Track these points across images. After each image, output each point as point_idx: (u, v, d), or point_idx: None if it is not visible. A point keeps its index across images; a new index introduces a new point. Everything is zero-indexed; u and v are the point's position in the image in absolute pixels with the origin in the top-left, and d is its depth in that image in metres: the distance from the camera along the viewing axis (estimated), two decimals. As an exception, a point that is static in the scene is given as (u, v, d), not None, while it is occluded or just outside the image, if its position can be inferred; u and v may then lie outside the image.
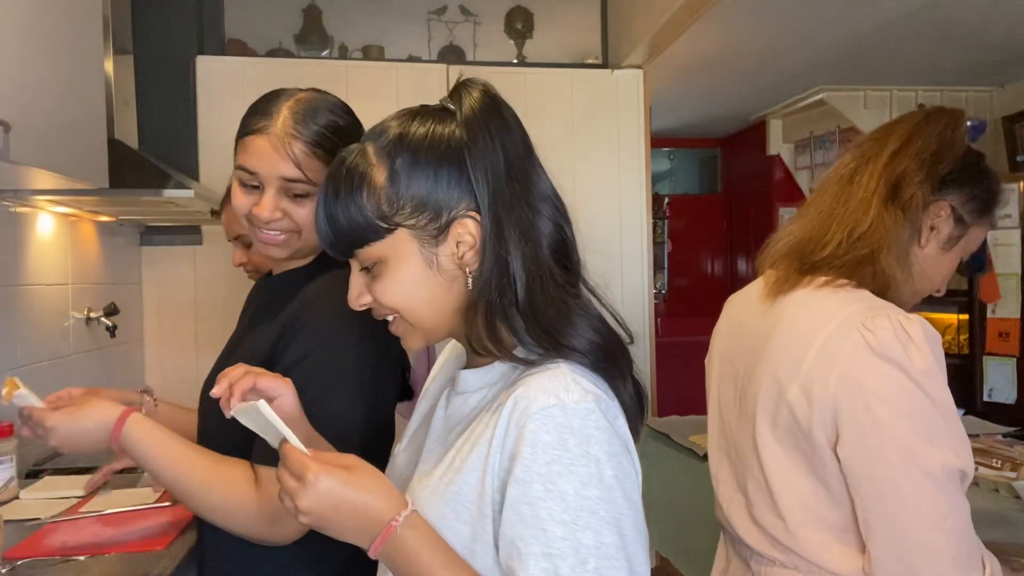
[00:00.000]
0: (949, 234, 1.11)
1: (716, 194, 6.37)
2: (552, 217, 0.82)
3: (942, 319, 4.70)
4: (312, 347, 1.03)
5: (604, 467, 0.71)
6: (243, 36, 3.19)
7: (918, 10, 3.21)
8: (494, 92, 0.87)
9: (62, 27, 1.58)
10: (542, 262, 0.79)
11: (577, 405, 0.72)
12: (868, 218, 1.06)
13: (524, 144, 0.83)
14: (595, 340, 0.79)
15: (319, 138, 1.10)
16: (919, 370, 0.95)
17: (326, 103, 1.14)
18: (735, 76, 4.32)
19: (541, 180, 0.83)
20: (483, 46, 3.46)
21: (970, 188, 1.11)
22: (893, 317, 0.98)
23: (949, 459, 0.93)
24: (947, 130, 1.10)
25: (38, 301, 2.04)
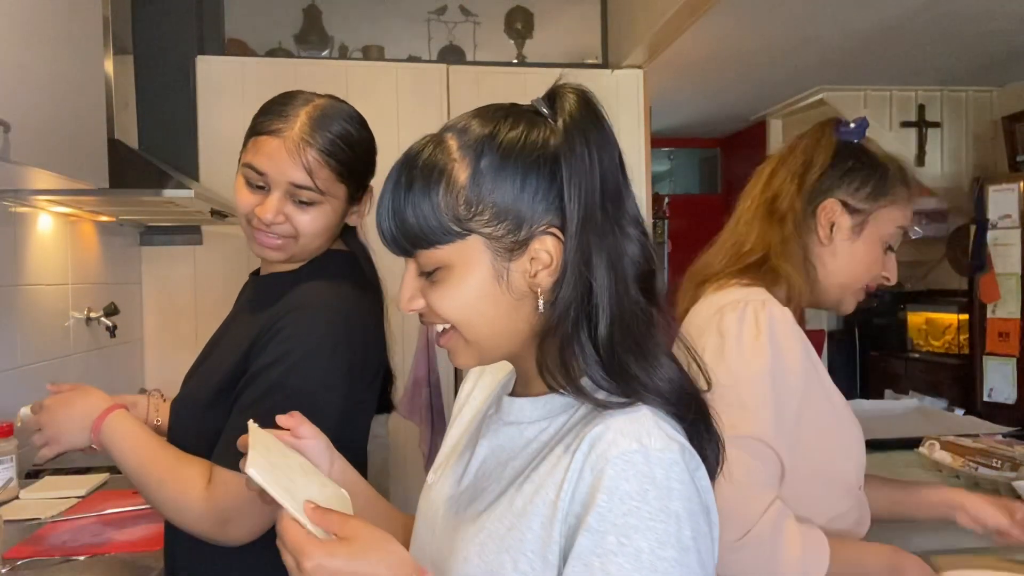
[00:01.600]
0: (850, 225, 1.18)
1: (716, 194, 6.37)
2: (640, 242, 0.72)
3: (942, 319, 4.71)
4: (288, 350, 1.01)
5: (684, 526, 0.64)
6: (243, 36, 3.19)
7: (918, 10, 3.22)
8: (595, 100, 0.78)
9: (62, 27, 1.58)
10: (630, 294, 0.70)
11: (661, 454, 0.65)
12: (752, 235, 1.18)
13: (620, 160, 0.75)
14: (678, 383, 0.71)
15: (333, 147, 1.08)
16: (743, 346, 1.04)
17: (342, 113, 1.13)
18: (735, 76, 4.33)
19: (631, 201, 0.74)
20: (483, 46, 3.47)
21: (852, 178, 1.18)
22: (751, 304, 1.08)
23: (737, 426, 0.98)
24: (812, 140, 1.21)
25: (38, 301, 2.04)
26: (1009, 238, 3.90)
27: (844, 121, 1.24)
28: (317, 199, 1.08)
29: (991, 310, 4.00)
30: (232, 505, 0.95)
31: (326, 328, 1.03)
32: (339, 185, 1.10)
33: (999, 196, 3.92)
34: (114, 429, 1.07)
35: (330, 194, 1.09)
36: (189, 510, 0.98)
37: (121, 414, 1.08)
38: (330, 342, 1.03)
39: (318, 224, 1.09)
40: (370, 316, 1.12)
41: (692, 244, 5.25)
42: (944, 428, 2.15)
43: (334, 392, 1.03)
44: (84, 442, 1.09)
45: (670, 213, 5.95)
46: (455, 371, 3.04)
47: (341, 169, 1.09)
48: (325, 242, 1.14)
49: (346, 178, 1.10)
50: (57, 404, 1.11)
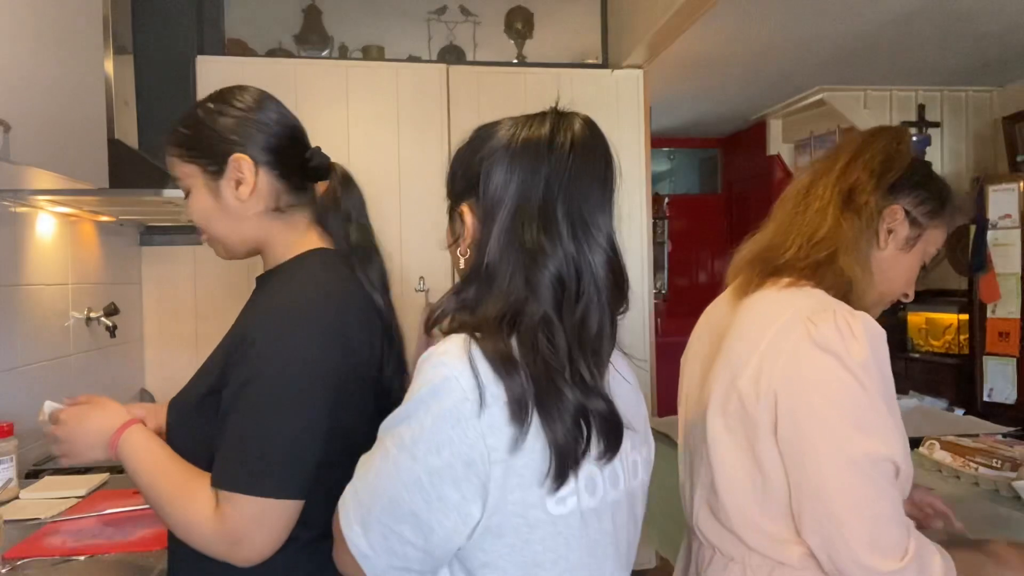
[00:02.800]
0: (906, 236, 1.19)
1: (716, 194, 6.37)
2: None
3: (942, 319, 4.71)
4: (259, 370, 0.97)
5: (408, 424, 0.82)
6: (243, 36, 3.19)
7: (918, 10, 3.22)
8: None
9: (62, 27, 1.58)
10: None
11: (438, 360, 0.83)
12: (826, 224, 1.14)
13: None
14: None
15: (175, 135, 1.12)
16: (855, 361, 0.99)
17: (203, 104, 1.13)
18: (735, 76, 4.33)
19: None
20: (483, 46, 3.47)
21: (920, 192, 1.18)
22: (839, 312, 1.04)
23: (876, 448, 0.97)
24: (892, 143, 1.19)
25: (38, 301, 2.04)
26: (1009, 238, 3.90)
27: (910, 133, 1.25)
28: (184, 187, 1.12)
29: (991, 310, 4.00)
30: (241, 526, 0.93)
31: (301, 338, 0.99)
32: (187, 165, 1.11)
33: (999, 196, 3.92)
34: (130, 445, 1.05)
35: (186, 176, 1.11)
36: (199, 533, 0.96)
37: (136, 430, 1.07)
38: (305, 353, 0.98)
39: (195, 208, 1.12)
40: (351, 313, 1.06)
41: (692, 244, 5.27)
42: (944, 428, 2.15)
43: (316, 406, 0.98)
44: (102, 457, 1.08)
45: (670, 213, 5.95)
46: (455, 371, 3.04)
47: (180, 152, 1.11)
48: (239, 228, 1.11)
49: (189, 157, 1.10)
50: (73, 419, 1.10)
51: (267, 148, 1.10)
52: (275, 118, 1.12)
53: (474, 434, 0.79)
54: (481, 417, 0.79)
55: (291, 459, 0.95)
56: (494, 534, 0.82)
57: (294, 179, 1.13)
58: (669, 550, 2.40)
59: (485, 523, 0.81)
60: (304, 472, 0.96)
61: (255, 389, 0.96)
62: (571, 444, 0.81)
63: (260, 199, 1.10)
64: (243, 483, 0.93)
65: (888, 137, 1.21)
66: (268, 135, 1.11)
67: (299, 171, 1.14)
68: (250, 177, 1.08)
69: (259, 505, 0.93)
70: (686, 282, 6.14)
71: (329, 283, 1.07)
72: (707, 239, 6.20)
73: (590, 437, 0.83)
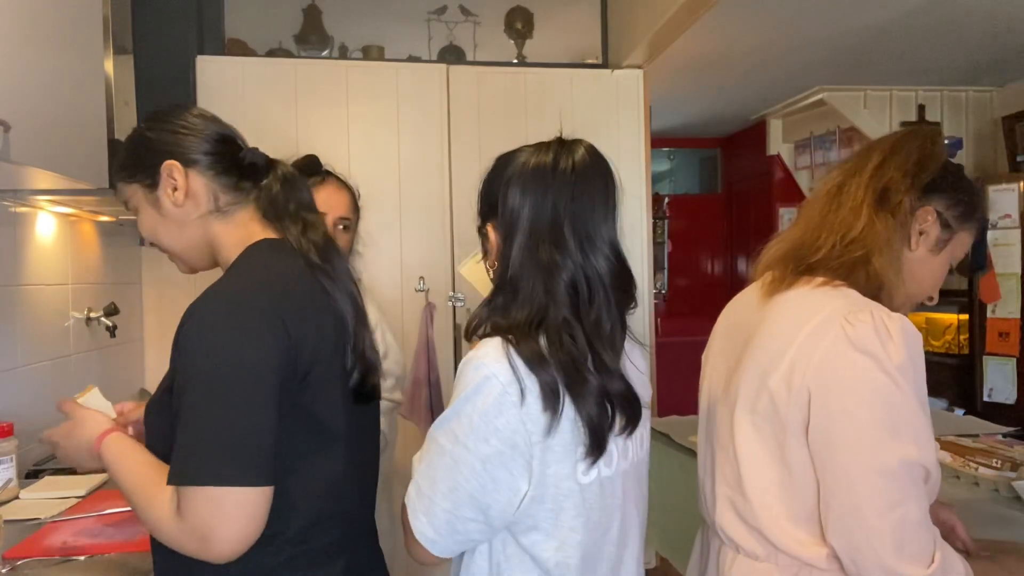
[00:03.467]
0: (937, 237, 1.17)
1: (716, 194, 6.37)
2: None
3: (942, 319, 4.71)
4: (191, 361, 0.97)
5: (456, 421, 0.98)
6: (243, 36, 3.19)
7: (918, 10, 3.22)
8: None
9: (62, 27, 1.58)
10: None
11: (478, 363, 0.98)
12: (860, 223, 1.12)
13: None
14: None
15: (117, 164, 1.18)
16: (893, 364, 0.98)
17: (136, 128, 1.19)
18: (735, 76, 4.33)
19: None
20: (483, 46, 3.46)
21: (953, 194, 1.17)
22: (876, 313, 1.02)
23: (909, 452, 0.97)
24: (927, 143, 1.18)
25: (38, 301, 2.04)
26: (1009, 238, 3.90)
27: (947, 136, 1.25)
28: (132, 208, 1.17)
29: (991, 310, 4.00)
30: (201, 520, 0.92)
31: (222, 324, 0.98)
32: (129, 186, 1.16)
33: (999, 196, 3.92)
34: (110, 454, 1.08)
35: (131, 197, 1.16)
36: (168, 532, 0.96)
37: (113, 438, 1.09)
38: (229, 338, 0.97)
39: (143, 224, 1.16)
40: (292, 300, 1.03)
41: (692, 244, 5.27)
42: (944, 428, 2.15)
43: (250, 385, 0.96)
44: (99, 464, 1.12)
45: (670, 213, 5.94)
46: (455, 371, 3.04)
47: (122, 175, 1.17)
48: (185, 235, 1.14)
49: (129, 177, 1.15)
50: (61, 438, 1.16)
51: (197, 151, 1.13)
52: (200, 123, 1.16)
53: (516, 422, 0.95)
54: (521, 407, 0.95)
55: (237, 445, 0.93)
56: (537, 502, 0.98)
57: (231, 178, 1.15)
58: (669, 550, 2.40)
59: (531, 494, 0.97)
60: (256, 458, 0.94)
61: (190, 381, 0.96)
62: (600, 421, 0.98)
63: (198, 201, 1.13)
64: (191, 475, 0.93)
65: (922, 138, 1.19)
66: (196, 139, 1.14)
67: (235, 170, 1.16)
68: (181, 181, 1.12)
69: (212, 495, 0.92)
70: (686, 282, 6.14)
71: (267, 271, 1.07)
72: (707, 239, 6.20)
73: (615, 413, 1.00)
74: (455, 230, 3.12)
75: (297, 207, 1.17)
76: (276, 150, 1.91)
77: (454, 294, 3.08)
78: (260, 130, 2.92)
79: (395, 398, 1.79)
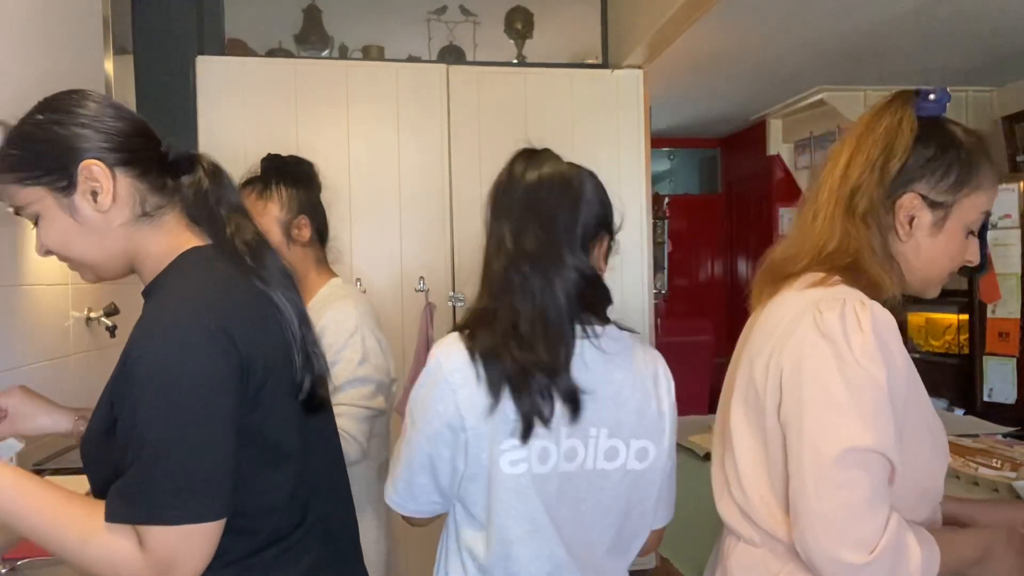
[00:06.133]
0: (931, 221, 1.08)
1: (716, 194, 6.37)
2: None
3: (942, 319, 4.71)
4: (144, 394, 0.90)
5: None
6: (243, 36, 3.19)
7: (918, 10, 3.22)
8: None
9: (62, 27, 1.58)
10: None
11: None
12: (835, 236, 1.08)
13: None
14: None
15: (6, 165, 0.99)
16: (854, 351, 0.97)
17: (26, 121, 1.00)
18: (735, 76, 4.33)
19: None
20: (483, 46, 3.46)
21: (932, 169, 1.07)
22: (849, 302, 1.00)
23: (862, 439, 0.94)
24: (892, 122, 1.09)
25: (38, 301, 2.04)
26: (1009, 238, 3.90)
27: (924, 92, 1.09)
28: (30, 214, 1.00)
29: (991, 310, 4.00)
30: (173, 553, 0.89)
31: (174, 353, 0.90)
32: (30, 189, 0.98)
33: (999, 196, 3.90)
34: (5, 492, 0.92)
35: (32, 202, 0.99)
36: (127, 569, 0.90)
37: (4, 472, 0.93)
38: (183, 367, 0.90)
39: (51, 233, 1.00)
40: (236, 313, 0.96)
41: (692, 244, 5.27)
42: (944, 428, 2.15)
43: (208, 413, 0.91)
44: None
45: (670, 213, 5.94)
46: (455, 371, 3.04)
47: (18, 176, 0.98)
48: (106, 244, 1.01)
49: (31, 179, 0.98)
50: None
51: (116, 148, 0.99)
52: (111, 112, 1.00)
53: (452, 407, 1.08)
54: (458, 394, 1.08)
55: (205, 479, 0.90)
56: (474, 480, 1.10)
57: (155, 177, 1.02)
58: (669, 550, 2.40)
59: (467, 472, 1.10)
60: (222, 486, 0.92)
61: (145, 415, 0.89)
62: (534, 413, 1.07)
63: (123, 206, 1.00)
64: (167, 515, 0.88)
65: (889, 115, 1.10)
66: (112, 133, 0.99)
67: (158, 167, 1.03)
68: (107, 183, 0.98)
69: (185, 530, 0.89)
70: (686, 282, 6.14)
71: (207, 285, 0.98)
72: (707, 239, 6.20)
73: (552, 408, 1.07)
74: (455, 230, 3.12)
75: (226, 207, 1.06)
76: (276, 150, 1.91)
77: (454, 294, 3.08)
78: (260, 130, 2.93)
79: (374, 405, 1.72)
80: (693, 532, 2.15)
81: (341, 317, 1.69)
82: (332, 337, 1.65)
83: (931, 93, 1.09)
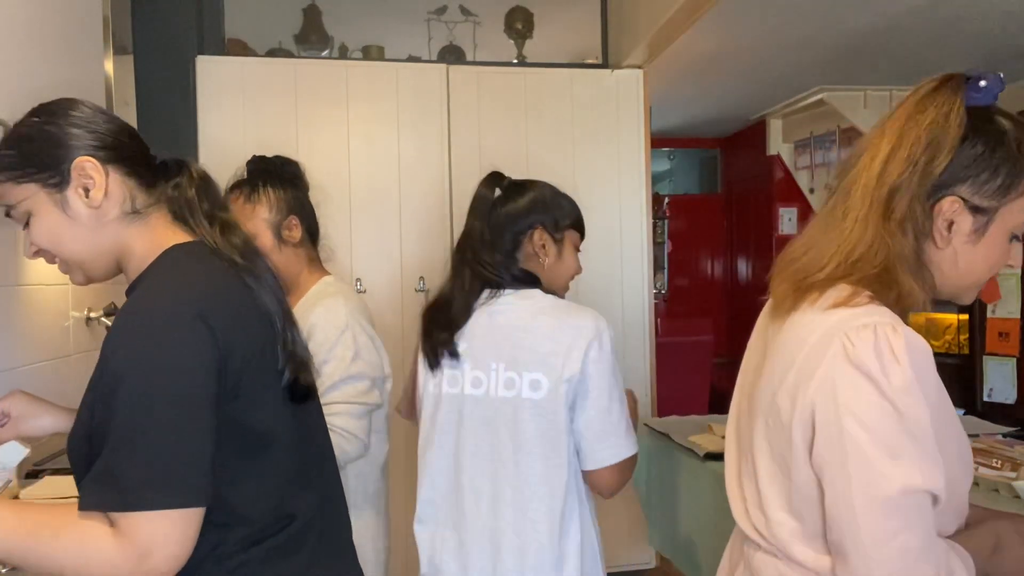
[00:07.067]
0: (972, 227, 0.99)
1: (716, 194, 6.37)
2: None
3: (942, 319, 4.71)
4: (123, 382, 0.91)
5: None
6: (243, 36, 3.19)
7: (918, 10, 3.22)
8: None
9: (62, 27, 1.59)
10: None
11: None
12: (867, 240, 0.98)
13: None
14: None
15: (1, 164, 1.03)
16: (894, 386, 0.90)
17: (20, 124, 1.05)
18: (735, 76, 4.33)
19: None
20: (483, 46, 3.47)
21: (978, 169, 0.97)
22: (879, 330, 0.92)
23: (912, 479, 0.90)
24: (939, 115, 0.98)
25: (38, 301, 2.04)
26: (1009, 238, 3.90)
27: (974, 80, 0.99)
28: (21, 213, 1.03)
29: (991, 310, 4.00)
30: (151, 539, 0.88)
31: (152, 341, 0.92)
32: (23, 186, 1.02)
33: (999, 196, 3.93)
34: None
35: (24, 199, 1.02)
36: (104, 561, 0.89)
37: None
38: (160, 356, 0.92)
39: (42, 230, 1.03)
40: (219, 305, 0.98)
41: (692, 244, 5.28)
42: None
43: (187, 401, 0.92)
44: None
45: (670, 213, 5.95)
46: (455, 371, 3.04)
47: (11, 175, 1.02)
48: (96, 240, 1.04)
49: (23, 176, 1.01)
50: None
51: (106, 146, 1.03)
52: (103, 116, 1.06)
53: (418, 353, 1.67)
54: (418, 347, 1.67)
55: (180, 464, 0.90)
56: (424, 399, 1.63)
57: (144, 176, 1.07)
58: (669, 550, 2.40)
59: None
60: (199, 473, 0.91)
61: (121, 402, 0.90)
62: (432, 353, 1.59)
63: (114, 202, 1.03)
64: (139, 499, 0.88)
65: (936, 106, 0.99)
66: (102, 133, 1.04)
67: (146, 167, 1.08)
68: (99, 179, 1.01)
69: (165, 516, 0.88)
70: (686, 282, 6.14)
71: (188, 277, 1.00)
72: (707, 239, 6.20)
73: (440, 354, 1.57)
74: (455, 230, 3.12)
75: (211, 207, 1.09)
76: (276, 150, 1.91)
77: (454, 294, 3.08)
78: (260, 130, 2.93)
79: (370, 400, 1.72)
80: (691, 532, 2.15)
81: (330, 314, 1.70)
82: (322, 335, 1.66)
83: (981, 80, 0.99)
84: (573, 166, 3.23)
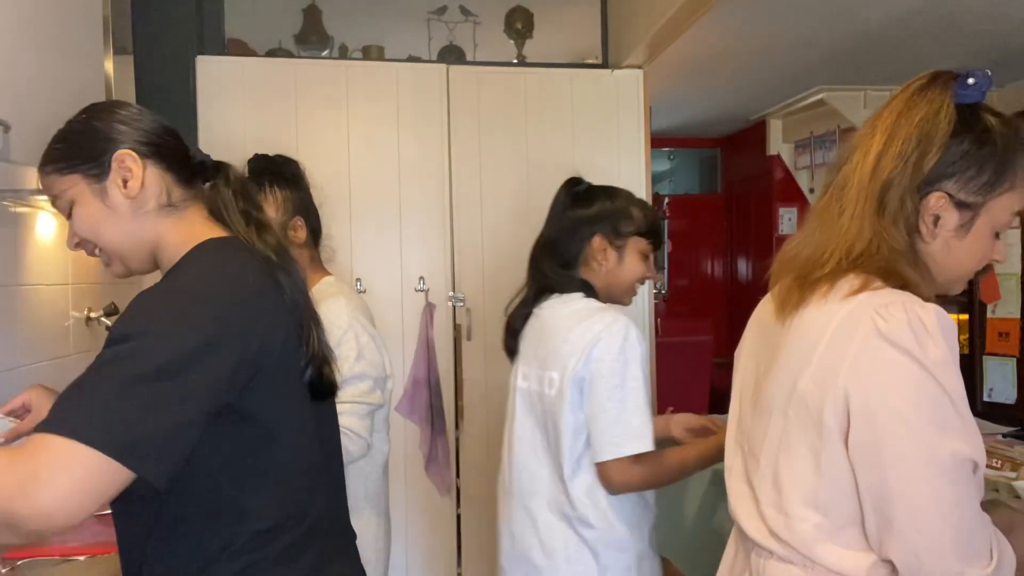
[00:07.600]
0: (957, 224, 1.02)
1: (716, 194, 6.37)
2: None
3: (942, 319, 4.71)
4: (120, 332, 0.92)
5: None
6: (243, 36, 3.19)
7: (918, 10, 3.22)
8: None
9: (62, 27, 1.59)
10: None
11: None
12: (865, 236, 1.01)
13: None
14: None
15: (46, 155, 1.09)
16: (932, 360, 0.92)
17: (71, 120, 1.11)
18: (735, 76, 4.33)
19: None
20: (483, 46, 3.46)
21: (964, 166, 1.00)
22: (909, 306, 0.94)
23: (961, 449, 0.91)
24: (929, 111, 1.00)
25: (38, 301, 2.04)
26: (1009, 238, 3.89)
27: (963, 77, 1.01)
28: (64, 203, 1.08)
29: (991, 310, 4.00)
30: (42, 462, 0.81)
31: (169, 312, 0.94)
32: (66, 177, 1.07)
33: (999, 196, 3.92)
34: None
35: (67, 190, 1.08)
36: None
37: None
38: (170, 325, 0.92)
39: (83, 218, 1.08)
40: (248, 297, 1.00)
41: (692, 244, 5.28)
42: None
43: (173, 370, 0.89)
44: None
45: (670, 213, 5.94)
46: (455, 371, 3.04)
47: (57, 166, 1.08)
48: (132, 230, 1.07)
49: (67, 168, 1.07)
50: None
51: (146, 142, 1.08)
52: (148, 115, 1.12)
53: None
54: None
55: (125, 421, 0.85)
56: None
57: (182, 173, 1.11)
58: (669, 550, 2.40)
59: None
60: (141, 438, 0.85)
61: (115, 352, 0.90)
62: (507, 353, 1.80)
63: (151, 194, 1.08)
64: (60, 425, 0.84)
65: (927, 102, 1.01)
66: (144, 130, 1.09)
67: (185, 164, 1.13)
68: (137, 171, 1.06)
69: (73, 449, 0.82)
70: (686, 282, 6.14)
71: (218, 269, 1.02)
72: (707, 239, 6.20)
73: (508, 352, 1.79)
74: (455, 230, 3.12)
75: (248, 206, 1.13)
76: (276, 150, 1.91)
77: (454, 294, 3.08)
78: (260, 130, 2.93)
79: (373, 400, 1.73)
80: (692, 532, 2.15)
81: (332, 315, 1.70)
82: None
83: (970, 77, 1.00)
84: (573, 166, 3.22)
